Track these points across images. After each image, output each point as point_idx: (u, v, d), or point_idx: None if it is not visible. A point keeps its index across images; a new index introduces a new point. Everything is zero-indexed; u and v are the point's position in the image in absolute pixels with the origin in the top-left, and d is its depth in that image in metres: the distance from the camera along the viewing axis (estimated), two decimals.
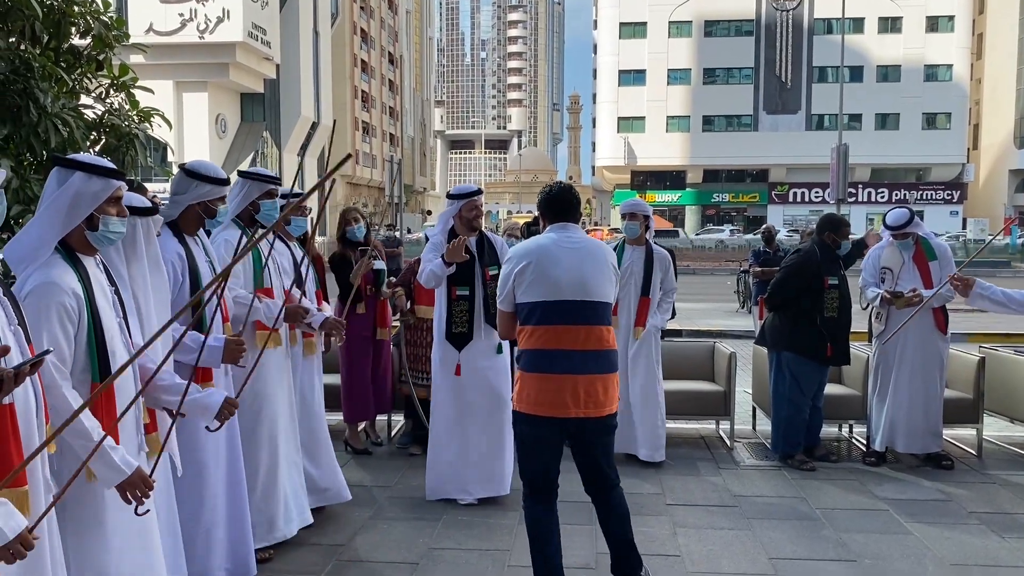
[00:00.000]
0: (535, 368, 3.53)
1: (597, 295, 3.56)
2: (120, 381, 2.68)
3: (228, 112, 45.39)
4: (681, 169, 56.70)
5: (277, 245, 4.52)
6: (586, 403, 3.50)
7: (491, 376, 5.11)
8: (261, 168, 4.44)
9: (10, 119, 3.60)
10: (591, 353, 3.52)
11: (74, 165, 2.63)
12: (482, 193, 5.30)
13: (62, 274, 2.54)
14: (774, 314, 6.09)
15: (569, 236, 3.67)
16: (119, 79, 4.45)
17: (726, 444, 6.46)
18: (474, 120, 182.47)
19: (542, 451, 3.60)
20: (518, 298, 3.61)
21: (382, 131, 74.18)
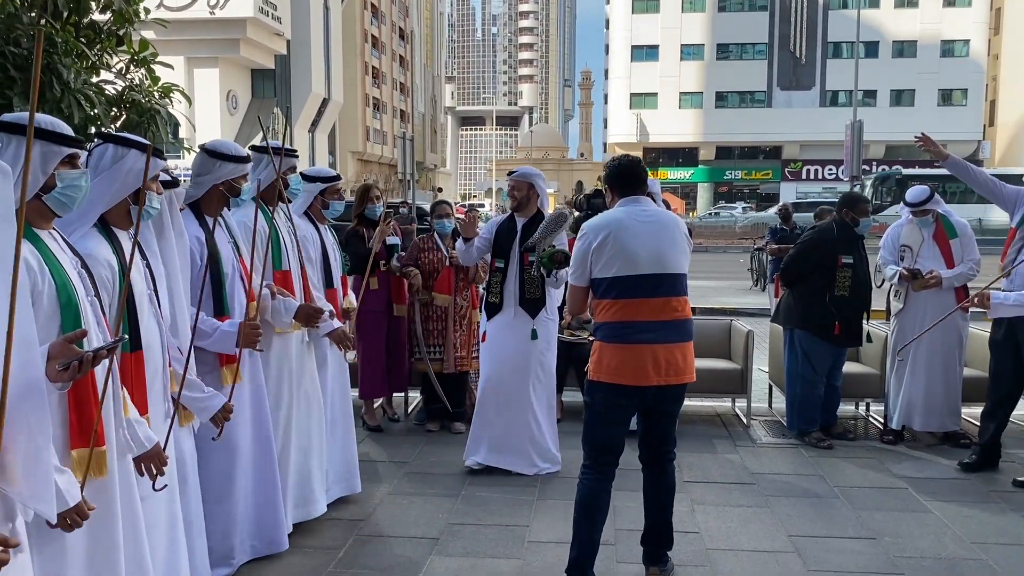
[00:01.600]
0: (615, 339, 3.59)
1: (673, 267, 3.62)
2: (150, 351, 2.75)
3: (239, 88, 45.30)
4: (694, 146, 56.34)
5: (304, 227, 4.50)
6: (667, 371, 3.57)
7: (518, 357, 5.14)
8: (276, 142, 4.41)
9: None
10: (670, 323, 3.59)
11: (129, 143, 2.73)
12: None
13: (96, 246, 2.61)
14: (789, 291, 6.07)
15: (643, 209, 3.71)
16: (139, 55, 4.44)
17: (743, 422, 6.46)
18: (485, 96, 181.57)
19: (614, 420, 3.66)
20: (595, 273, 3.65)
21: (393, 107, 73.93)
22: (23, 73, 3.53)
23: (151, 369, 2.77)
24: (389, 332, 6.22)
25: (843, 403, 6.30)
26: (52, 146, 2.30)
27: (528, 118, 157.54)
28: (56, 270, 2.28)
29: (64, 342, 2.02)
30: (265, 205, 4.09)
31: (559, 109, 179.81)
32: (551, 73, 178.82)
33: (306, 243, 4.48)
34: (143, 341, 2.70)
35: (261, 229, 3.87)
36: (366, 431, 6.15)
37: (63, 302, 2.26)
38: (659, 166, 55.07)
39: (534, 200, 5.24)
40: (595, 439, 3.69)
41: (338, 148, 59.74)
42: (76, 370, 1.97)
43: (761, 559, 4.03)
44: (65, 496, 2.12)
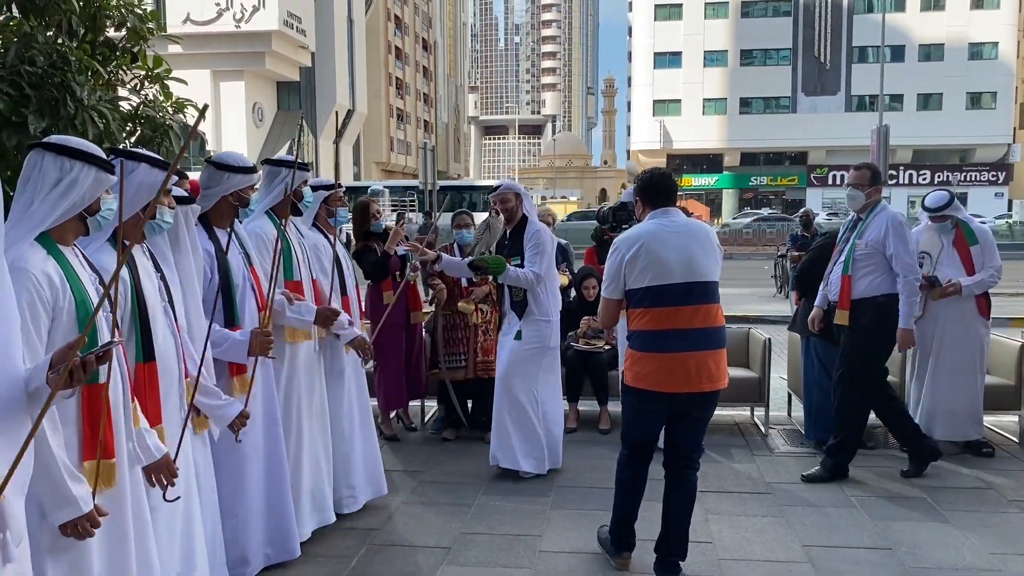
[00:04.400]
0: (650, 347, 3.69)
1: (705, 275, 3.70)
2: (164, 362, 2.79)
3: (264, 101, 45.82)
4: (718, 152, 56.09)
5: (314, 237, 4.55)
6: (699, 378, 3.66)
7: (503, 356, 5.33)
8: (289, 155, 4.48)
9: (49, 112, 3.68)
10: (703, 331, 3.67)
11: (139, 158, 2.76)
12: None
13: (111, 260, 2.65)
14: (805, 299, 6.03)
15: (673, 220, 3.81)
16: (153, 71, 4.52)
17: (760, 431, 6.41)
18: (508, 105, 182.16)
19: (649, 422, 3.84)
20: (629, 284, 3.74)
21: (416, 118, 74.37)
22: (38, 91, 3.61)
23: (165, 380, 2.81)
24: (407, 342, 6.25)
25: None
26: (104, 174, 2.43)
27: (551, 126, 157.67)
28: (76, 286, 2.35)
29: (65, 349, 2.05)
30: (277, 217, 4.16)
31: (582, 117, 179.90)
32: (574, 81, 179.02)
33: (318, 253, 4.53)
34: (157, 352, 2.74)
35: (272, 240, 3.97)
36: (383, 440, 6.17)
37: (80, 317, 2.32)
38: (683, 173, 54.87)
39: (519, 210, 5.37)
40: (631, 437, 3.92)
41: (362, 158, 60.16)
42: (70, 377, 1.99)
43: (774, 569, 4.00)
44: (79, 503, 2.19)
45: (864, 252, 5.15)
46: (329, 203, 4.76)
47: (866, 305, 5.13)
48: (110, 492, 2.39)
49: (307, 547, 4.16)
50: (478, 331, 6.14)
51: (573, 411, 6.55)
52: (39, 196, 2.33)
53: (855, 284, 5.16)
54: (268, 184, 4.18)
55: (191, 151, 5.19)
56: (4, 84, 3.60)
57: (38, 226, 2.32)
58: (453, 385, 6.17)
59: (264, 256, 3.90)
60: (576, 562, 4.09)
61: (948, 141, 53.10)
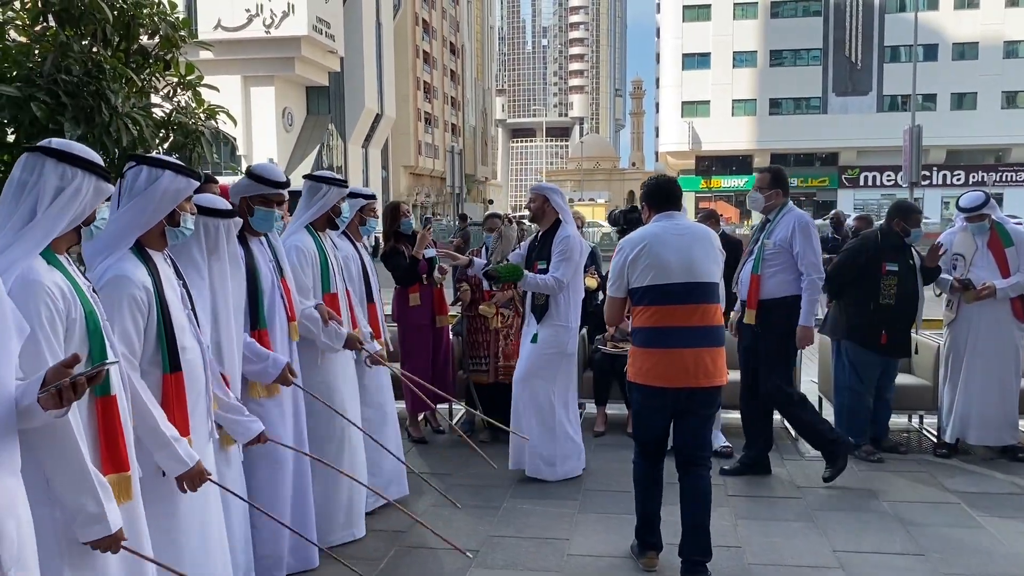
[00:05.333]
0: (649, 344, 3.88)
1: (704, 276, 3.88)
2: (191, 372, 2.78)
3: (294, 105, 46.23)
4: (748, 154, 55.63)
5: (344, 247, 4.63)
6: (696, 374, 3.81)
7: (521, 359, 5.39)
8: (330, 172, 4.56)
9: (84, 119, 3.75)
10: (701, 329, 3.84)
11: (163, 164, 2.76)
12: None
13: (133, 268, 2.65)
14: (836, 301, 5.98)
15: (676, 223, 4.00)
16: (185, 78, 4.59)
17: (790, 435, 6.36)
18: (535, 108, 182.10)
19: (654, 417, 3.96)
20: (632, 283, 3.93)
21: (444, 121, 74.60)
22: (74, 100, 3.68)
23: (193, 390, 2.80)
24: (434, 345, 6.28)
25: (895, 415, 6.17)
26: (104, 183, 2.38)
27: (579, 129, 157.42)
28: (83, 298, 2.32)
29: (59, 367, 1.97)
30: (315, 231, 4.26)
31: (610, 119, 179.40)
32: (602, 83, 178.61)
33: (347, 262, 4.61)
34: (183, 361, 2.74)
35: (312, 254, 4.13)
36: (411, 443, 6.21)
37: (91, 329, 2.31)
38: (712, 174, 54.47)
39: (550, 213, 5.37)
40: (639, 434, 4.05)
41: (391, 162, 60.49)
42: (59, 397, 1.93)
43: (804, 575, 3.96)
44: (109, 523, 2.19)
45: (772, 252, 5.22)
46: (364, 212, 4.87)
47: (774, 305, 5.20)
48: (127, 505, 2.37)
49: (335, 549, 4.19)
50: (499, 335, 6.16)
51: (601, 414, 6.55)
52: (42, 206, 2.23)
53: (764, 284, 5.23)
54: (309, 199, 4.28)
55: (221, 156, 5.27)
56: (41, 92, 3.68)
57: (45, 238, 2.24)
58: (477, 388, 6.18)
59: (305, 270, 3.99)
60: (605, 565, 4.08)
61: (983, 141, 52.20)
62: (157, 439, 2.58)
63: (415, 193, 61.24)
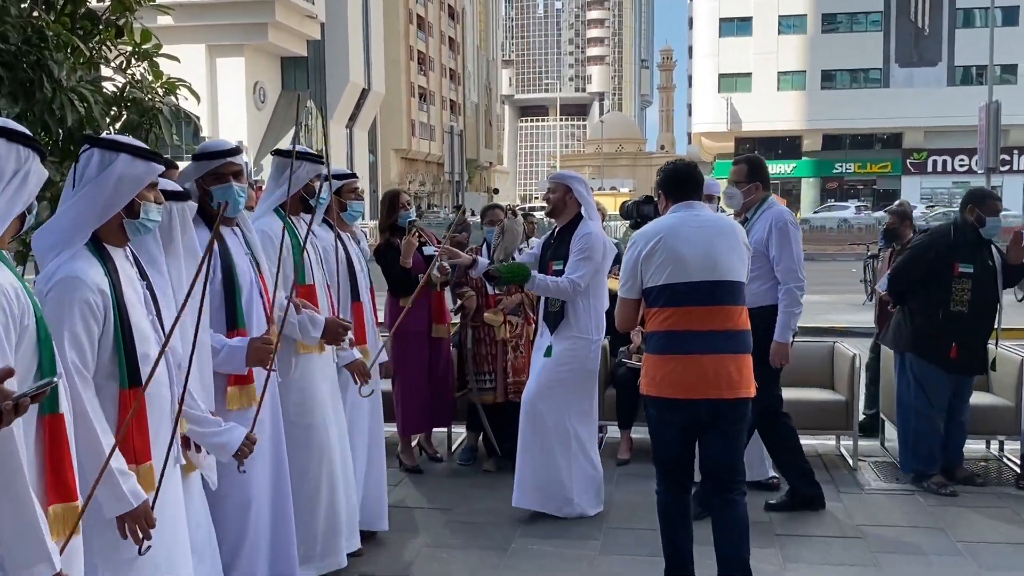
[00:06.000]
0: (663, 350, 3.93)
1: (727, 273, 3.92)
2: (154, 387, 2.74)
3: (267, 79, 46.44)
4: (796, 135, 55.59)
5: (325, 236, 4.62)
6: (717, 383, 3.84)
7: (532, 375, 5.37)
8: (304, 147, 4.54)
9: (23, 95, 3.76)
10: (722, 333, 3.88)
11: (118, 147, 2.76)
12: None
13: (87, 268, 2.65)
14: (899, 308, 5.96)
15: (696, 214, 4.05)
16: (141, 47, 4.59)
17: (848, 464, 6.34)
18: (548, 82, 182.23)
19: (673, 435, 3.99)
20: (646, 282, 3.97)
21: (441, 97, 74.82)
22: (11, 72, 3.68)
23: (156, 408, 2.79)
24: (431, 357, 6.28)
25: (970, 441, 6.13)
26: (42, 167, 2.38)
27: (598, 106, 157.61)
28: (34, 301, 2.33)
29: None
30: (287, 215, 4.25)
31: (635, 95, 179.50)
32: (625, 53, 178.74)
33: (328, 253, 4.59)
34: (144, 374, 2.70)
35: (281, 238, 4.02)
36: (403, 472, 6.20)
37: (41, 337, 2.31)
38: None
39: (571, 205, 5.36)
40: (657, 454, 4.10)
41: (379, 145, 60.70)
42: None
43: None
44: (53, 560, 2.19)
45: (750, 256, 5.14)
46: (341, 195, 4.81)
47: (755, 316, 5.10)
48: (75, 542, 2.36)
49: None
50: (507, 347, 6.16)
51: (625, 439, 6.53)
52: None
53: None
54: (276, 178, 4.28)
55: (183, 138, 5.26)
56: None
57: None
58: (484, 409, 6.18)
59: (272, 258, 3.96)
60: None
61: None
62: (99, 468, 2.56)
63: (408, 181, 61.42)
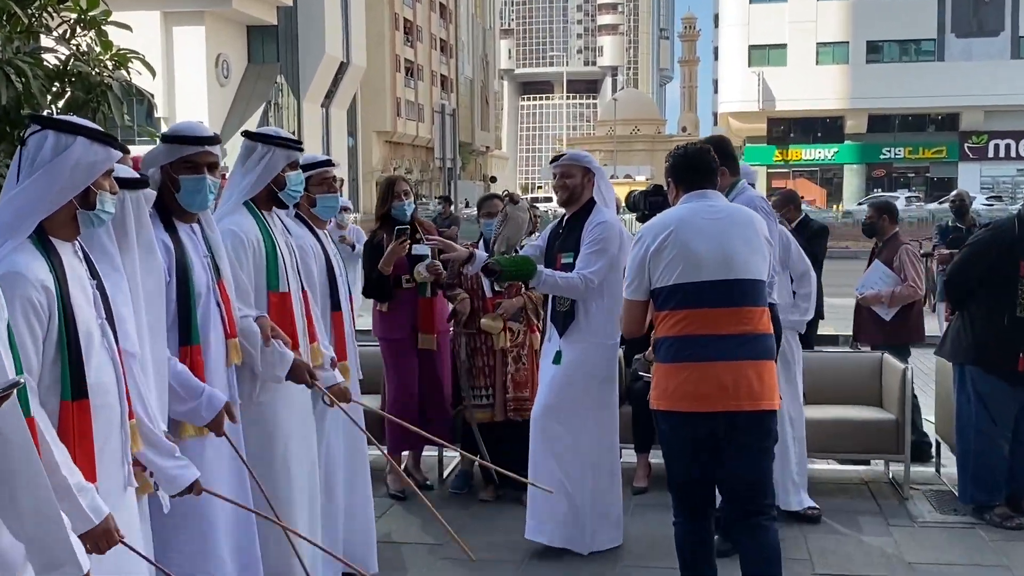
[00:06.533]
0: (674, 357, 3.98)
1: (744, 271, 3.99)
2: (101, 399, 2.78)
3: (231, 51, 46.45)
4: (837, 115, 55.66)
5: (301, 235, 4.61)
6: (735, 393, 3.89)
7: (541, 387, 5.40)
8: (276, 128, 4.52)
9: None
10: (738, 337, 3.94)
11: (75, 129, 2.77)
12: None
13: (30, 262, 2.65)
14: (958, 314, 5.96)
15: (710, 205, 4.12)
16: (87, 14, 4.58)
17: (899, 492, 6.34)
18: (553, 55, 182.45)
19: (689, 454, 4.03)
20: (655, 281, 4.02)
21: (431, 72, 74.87)
22: None
23: (103, 423, 2.79)
24: (420, 371, 6.27)
25: None
26: None
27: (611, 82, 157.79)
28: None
29: None
30: (258, 209, 4.21)
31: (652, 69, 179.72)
32: (641, 21, 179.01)
33: (305, 255, 4.57)
34: (90, 386, 2.74)
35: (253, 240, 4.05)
36: (389, 499, 6.18)
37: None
38: (789, 143, 54.54)
39: (588, 191, 5.36)
40: (673, 478, 4.17)
41: (360, 127, 60.72)
42: None
43: None
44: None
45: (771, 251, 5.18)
46: (310, 187, 4.78)
47: None
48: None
49: None
50: (507, 358, 6.15)
51: (643, 465, 6.52)
52: None
53: None
54: (244, 165, 4.22)
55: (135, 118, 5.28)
56: None
57: None
58: (480, 428, 6.18)
59: (243, 261, 3.96)
60: None
61: None
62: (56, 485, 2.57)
63: (392, 167, 61.39)
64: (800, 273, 6.01)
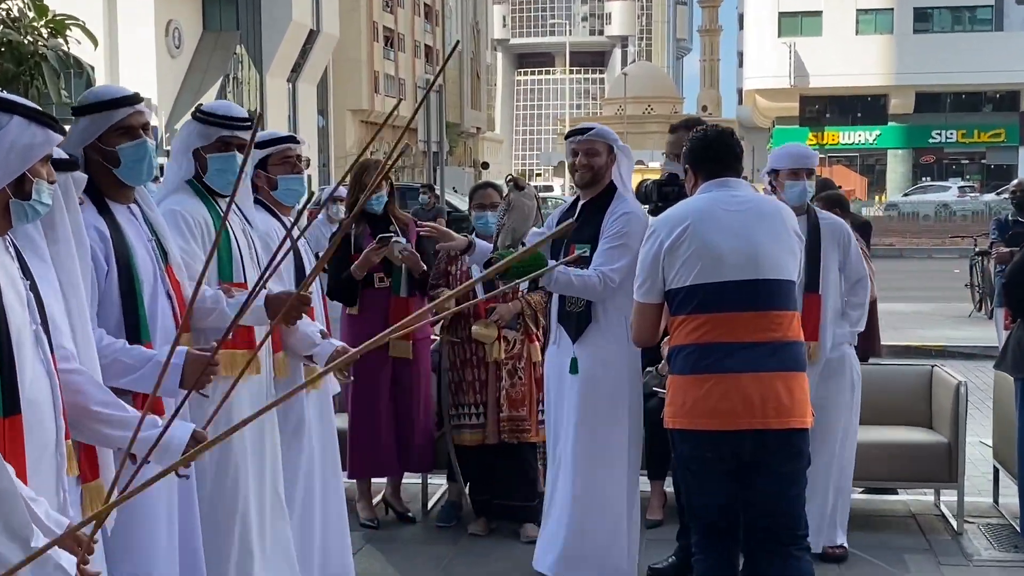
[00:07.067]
0: (692, 368, 3.99)
1: (772, 270, 4.02)
2: (34, 414, 2.76)
3: (184, 18, 46.45)
4: (880, 92, 55.80)
5: (264, 223, 4.63)
6: (764, 409, 3.91)
7: (555, 405, 5.35)
8: (225, 104, 4.51)
9: None
10: (766, 345, 3.97)
11: (9, 106, 2.75)
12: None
13: None
14: (1020, 321, 5.97)
15: (732, 195, 4.13)
16: None
17: (951, 526, 6.34)
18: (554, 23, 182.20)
19: (710, 478, 4.05)
20: (670, 282, 4.04)
21: (414, 43, 74.87)
22: None
23: (36, 440, 2.78)
24: (395, 382, 6.27)
25: None
26: None
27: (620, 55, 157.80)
28: None
29: None
30: (208, 196, 4.25)
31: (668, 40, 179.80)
32: None
33: (268, 244, 4.58)
34: (24, 399, 2.72)
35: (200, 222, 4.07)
36: (360, 533, 6.17)
37: None
38: (825, 125, 54.62)
39: (610, 170, 5.32)
40: (693, 506, 4.21)
41: (332, 104, 60.75)
42: None
43: None
44: None
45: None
46: (270, 167, 4.78)
47: None
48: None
49: None
50: (501, 372, 6.14)
51: (657, 494, 6.49)
52: None
53: None
54: (180, 143, 4.29)
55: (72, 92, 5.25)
56: None
57: None
58: (465, 452, 6.19)
59: (191, 246, 3.96)
60: None
61: None
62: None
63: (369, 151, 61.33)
64: (856, 279, 5.87)
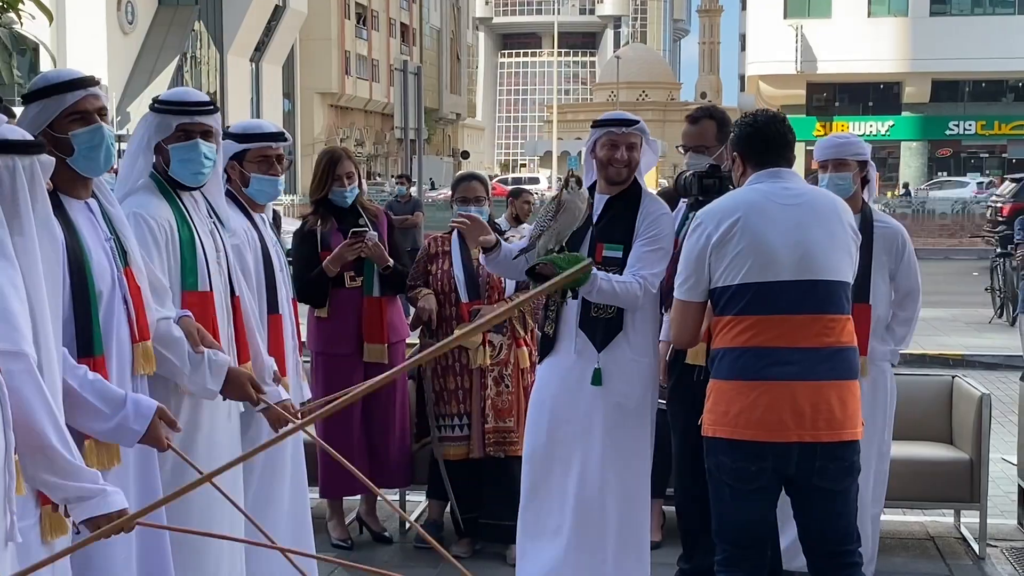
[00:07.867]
0: (739, 374, 4.02)
1: (826, 271, 4.05)
2: None
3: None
4: (894, 80, 55.94)
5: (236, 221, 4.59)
6: (814, 421, 3.93)
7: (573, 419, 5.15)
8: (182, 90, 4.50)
9: None
10: (819, 351, 3.99)
11: None
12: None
13: None
14: None
15: (785, 187, 4.15)
16: None
17: (973, 550, 6.37)
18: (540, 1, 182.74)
19: (749, 495, 4.05)
20: (716, 279, 4.06)
21: (388, 20, 74.83)
22: None
23: None
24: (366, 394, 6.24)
25: None
26: None
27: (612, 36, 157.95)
28: None
29: None
30: (173, 192, 4.21)
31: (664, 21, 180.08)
32: None
33: (240, 246, 4.56)
34: None
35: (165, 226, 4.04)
36: (333, 550, 6.16)
37: None
38: (834, 114, 54.68)
39: (633, 166, 5.23)
40: (724, 524, 4.15)
41: (298, 87, 60.65)
42: None
43: None
44: None
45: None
46: (245, 163, 4.77)
47: None
48: None
49: None
50: (487, 379, 6.15)
51: (656, 514, 6.48)
52: None
53: None
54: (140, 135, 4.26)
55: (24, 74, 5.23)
56: None
57: None
58: (453, 467, 6.18)
59: (152, 252, 3.94)
60: None
61: None
62: None
63: (338, 138, 61.31)
64: (906, 292, 5.70)
